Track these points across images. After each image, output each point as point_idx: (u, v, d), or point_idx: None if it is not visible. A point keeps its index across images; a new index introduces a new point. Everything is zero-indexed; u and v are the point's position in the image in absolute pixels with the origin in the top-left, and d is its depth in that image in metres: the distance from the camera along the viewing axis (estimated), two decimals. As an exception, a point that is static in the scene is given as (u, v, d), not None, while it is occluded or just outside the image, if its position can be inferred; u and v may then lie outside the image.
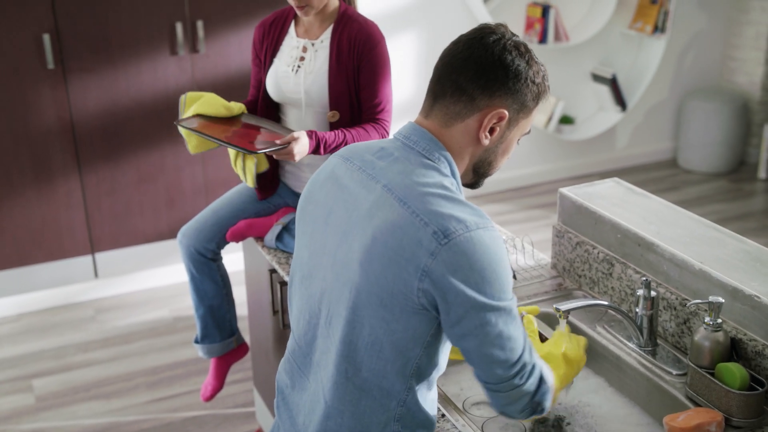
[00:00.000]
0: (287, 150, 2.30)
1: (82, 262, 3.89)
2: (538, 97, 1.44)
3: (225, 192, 3.26)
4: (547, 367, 1.48)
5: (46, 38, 3.53)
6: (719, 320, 1.71)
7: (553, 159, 5.28)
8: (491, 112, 1.39)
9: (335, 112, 2.46)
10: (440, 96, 1.41)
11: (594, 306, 1.83)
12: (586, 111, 5.30)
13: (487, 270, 1.31)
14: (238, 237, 2.61)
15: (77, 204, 3.79)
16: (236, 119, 2.51)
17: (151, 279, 4.06)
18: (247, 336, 3.38)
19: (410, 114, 4.56)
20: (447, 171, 1.41)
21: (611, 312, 2.04)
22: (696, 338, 1.73)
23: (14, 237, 3.73)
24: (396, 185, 1.37)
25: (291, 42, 2.52)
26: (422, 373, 1.42)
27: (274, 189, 2.66)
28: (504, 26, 1.43)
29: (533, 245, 2.40)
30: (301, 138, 2.31)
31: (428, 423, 1.48)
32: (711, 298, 1.70)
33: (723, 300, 1.71)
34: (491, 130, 1.42)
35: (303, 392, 1.53)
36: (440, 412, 1.71)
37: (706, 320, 1.71)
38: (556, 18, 4.85)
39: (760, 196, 5.08)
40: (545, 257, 2.35)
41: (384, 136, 2.46)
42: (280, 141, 2.30)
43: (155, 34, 3.71)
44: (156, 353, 3.55)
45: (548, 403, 1.46)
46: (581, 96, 5.25)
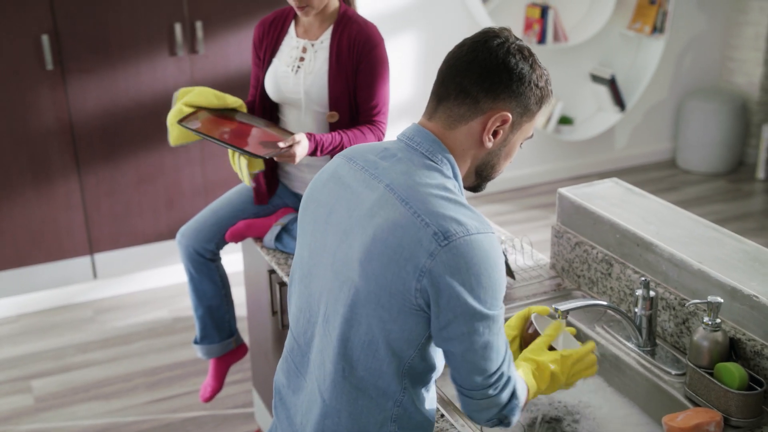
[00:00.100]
0: (289, 153, 2.31)
1: (81, 263, 3.89)
2: (541, 101, 1.44)
3: (224, 192, 3.26)
4: (522, 382, 1.49)
5: (45, 39, 3.53)
6: (718, 320, 1.71)
7: (552, 159, 5.28)
8: (495, 115, 1.39)
9: (334, 113, 2.46)
10: (444, 98, 1.42)
11: (593, 306, 1.83)
12: (585, 111, 5.30)
13: (484, 275, 1.31)
14: (237, 237, 2.61)
15: (76, 204, 3.79)
16: (231, 116, 2.50)
17: (151, 279, 4.06)
18: (246, 337, 3.37)
19: (409, 115, 4.55)
20: (449, 173, 1.41)
21: (610, 312, 2.04)
22: (695, 338, 1.73)
23: (13, 238, 3.73)
24: (398, 185, 1.37)
25: (291, 42, 2.52)
26: (415, 374, 1.42)
27: (273, 191, 2.66)
28: (508, 30, 1.44)
29: (532, 245, 2.41)
30: (302, 140, 2.33)
31: (426, 424, 1.48)
32: (710, 298, 1.70)
33: (722, 300, 1.71)
34: (494, 133, 1.42)
35: (300, 392, 1.53)
36: (439, 413, 1.71)
37: (705, 320, 1.71)
38: (555, 18, 4.85)
39: (759, 197, 5.09)
40: (544, 257, 2.35)
41: (380, 138, 2.47)
42: (284, 144, 2.32)
43: (154, 35, 3.71)
44: (155, 354, 3.55)
45: (515, 418, 1.47)
46: (580, 96, 5.25)
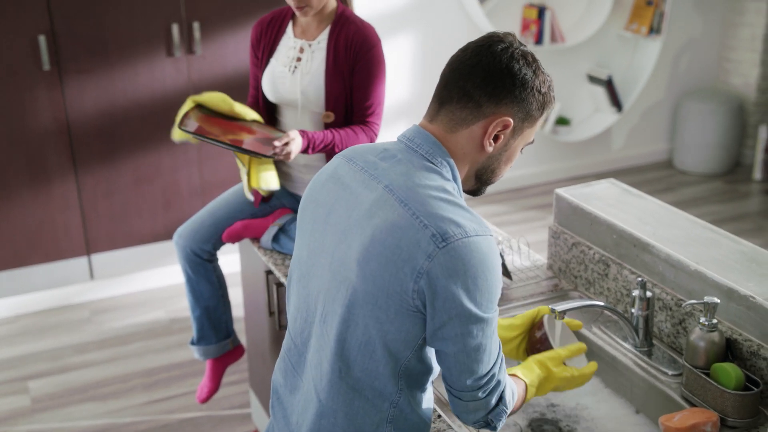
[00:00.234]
0: (286, 150, 2.33)
1: (79, 264, 3.89)
2: (543, 107, 1.44)
3: (221, 193, 3.25)
4: (511, 388, 1.49)
5: (42, 39, 3.53)
6: (714, 320, 1.71)
7: (549, 160, 5.28)
8: (496, 120, 1.39)
9: (330, 113, 2.46)
10: (446, 101, 1.42)
11: (590, 307, 1.83)
12: (582, 112, 5.31)
13: (480, 278, 1.31)
14: (235, 238, 2.61)
15: (73, 205, 3.79)
16: (225, 116, 2.49)
17: (148, 280, 4.06)
18: (243, 338, 3.37)
19: (406, 116, 4.55)
20: (449, 175, 1.41)
21: (607, 313, 2.04)
22: (691, 338, 1.73)
23: (10, 238, 3.73)
24: (398, 186, 1.37)
25: (288, 42, 2.52)
26: (412, 375, 1.42)
27: (271, 194, 2.66)
28: (512, 35, 1.44)
29: (529, 246, 2.41)
30: (296, 137, 2.36)
31: (422, 425, 1.47)
32: (706, 299, 1.71)
33: (718, 300, 1.71)
34: (495, 138, 1.42)
35: (297, 391, 1.53)
36: (436, 413, 1.71)
37: (702, 320, 1.72)
38: (552, 19, 4.86)
39: (756, 197, 5.09)
40: (541, 258, 2.35)
41: (372, 139, 2.48)
42: (279, 142, 2.33)
43: (151, 36, 3.71)
44: (152, 355, 3.55)
45: (501, 424, 1.47)
46: (577, 97, 5.26)
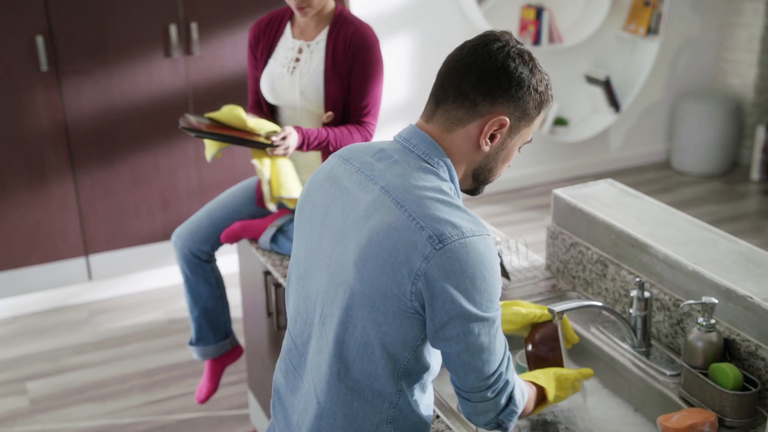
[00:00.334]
0: (285, 144, 2.36)
1: (76, 265, 3.88)
2: (541, 106, 1.43)
3: (219, 194, 3.25)
4: (521, 389, 1.48)
5: (40, 40, 3.52)
6: (712, 321, 1.71)
7: (547, 161, 5.28)
8: (492, 119, 1.39)
9: (330, 114, 2.47)
10: (442, 101, 1.41)
11: (588, 307, 1.83)
12: (580, 113, 5.31)
13: (479, 278, 1.31)
14: (233, 239, 2.61)
15: (71, 206, 3.78)
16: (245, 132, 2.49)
17: (146, 281, 4.05)
18: (242, 338, 3.37)
19: (404, 116, 4.55)
20: (445, 175, 1.41)
21: (605, 313, 2.04)
22: (689, 339, 1.73)
23: (8, 239, 3.72)
24: (394, 187, 1.37)
25: (286, 43, 2.53)
26: (411, 375, 1.42)
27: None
28: (509, 34, 1.44)
29: (527, 247, 2.41)
30: (292, 132, 2.39)
31: (422, 425, 1.47)
32: (704, 299, 1.71)
33: (716, 300, 1.71)
34: (492, 137, 1.41)
35: (297, 392, 1.53)
36: (434, 414, 1.71)
37: (700, 321, 1.72)
38: (550, 20, 4.86)
39: (753, 198, 5.10)
40: (539, 258, 2.36)
41: (367, 139, 2.49)
42: (277, 136, 2.35)
43: (149, 37, 3.71)
44: (150, 355, 3.54)
45: (512, 424, 1.46)
46: (575, 98, 5.26)
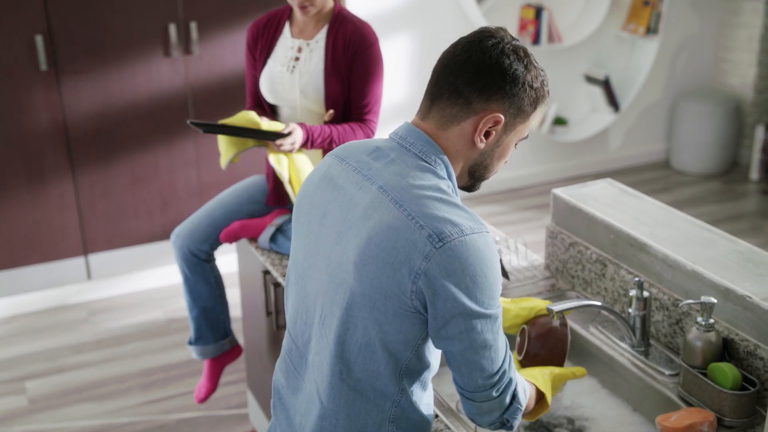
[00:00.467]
0: (291, 140, 2.36)
1: (76, 264, 3.88)
2: (536, 102, 1.42)
3: (219, 193, 3.25)
4: (523, 387, 1.48)
5: (39, 40, 3.52)
6: (711, 320, 1.71)
7: (547, 160, 5.28)
8: (487, 116, 1.38)
9: (331, 112, 2.47)
10: (437, 98, 1.41)
11: (587, 306, 1.83)
12: (580, 112, 5.31)
13: (479, 275, 1.31)
14: (232, 238, 2.61)
15: (70, 206, 3.78)
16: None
17: (145, 280, 4.05)
18: (241, 337, 3.37)
19: (403, 115, 4.55)
20: (443, 173, 1.40)
21: (604, 312, 2.04)
22: (688, 338, 1.73)
23: (7, 239, 3.72)
24: (392, 187, 1.36)
25: (286, 42, 2.53)
26: (413, 374, 1.42)
27: (282, 199, 2.65)
28: (504, 30, 1.43)
29: (527, 246, 2.41)
30: (297, 129, 2.39)
31: (424, 423, 1.47)
32: (703, 299, 1.71)
33: (715, 300, 1.71)
34: (487, 134, 1.41)
35: (299, 392, 1.53)
36: (434, 413, 1.71)
37: (699, 320, 1.72)
38: (550, 19, 4.86)
39: (753, 197, 5.10)
40: (539, 258, 2.36)
41: (369, 136, 2.49)
42: (284, 130, 2.36)
43: (149, 36, 3.71)
44: (149, 355, 3.54)
45: (517, 422, 1.46)
46: (574, 97, 5.26)
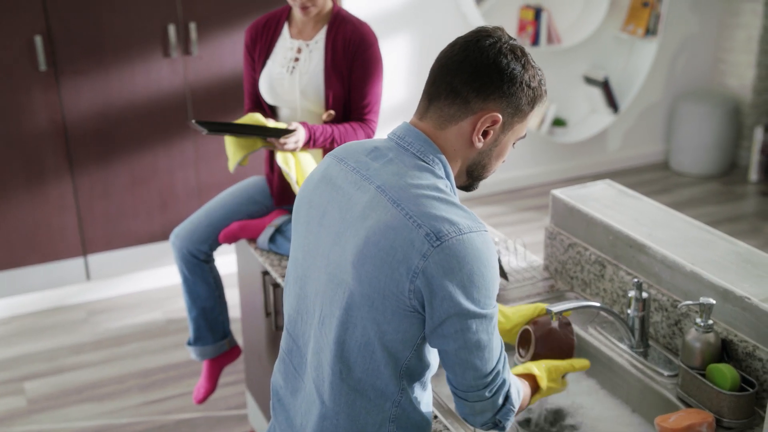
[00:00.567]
0: (294, 138, 2.37)
1: (75, 265, 3.88)
2: (534, 102, 1.42)
3: (218, 194, 3.25)
4: (516, 388, 1.48)
5: (38, 40, 3.52)
6: (710, 321, 1.71)
7: (546, 161, 5.29)
8: (485, 116, 1.38)
9: (331, 112, 2.47)
10: (435, 98, 1.41)
11: (586, 307, 1.83)
12: (579, 113, 5.32)
13: (476, 274, 1.31)
14: (231, 239, 2.61)
15: (69, 206, 3.78)
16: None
17: (144, 281, 4.05)
18: (240, 338, 3.37)
19: (402, 116, 4.56)
20: (441, 173, 1.40)
21: (603, 313, 2.04)
22: (687, 339, 1.73)
23: (7, 239, 3.72)
24: (390, 186, 1.37)
25: (285, 43, 2.53)
26: (413, 374, 1.42)
27: (287, 190, 2.65)
28: (501, 30, 1.43)
29: (526, 247, 2.41)
30: (300, 128, 2.40)
31: (424, 423, 1.48)
32: (702, 300, 1.71)
33: (714, 301, 1.71)
34: (485, 134, 1.41)
35: (299, 393, 1.53)
36: (433, 414, 1.71)
37: (697, 321, 1.72)
38: (549, 21, 4.86)
39: (751, 199, 5.10)
40: (537, 259, 2.36)
41: (369, 136, 2.49)
42: (288, 127, 2.38)
43: (148, 37, 3.71)
44: (148, 355, 3.54)
45: (509, 424, 1.46)
46: (573, 98, 5.27)
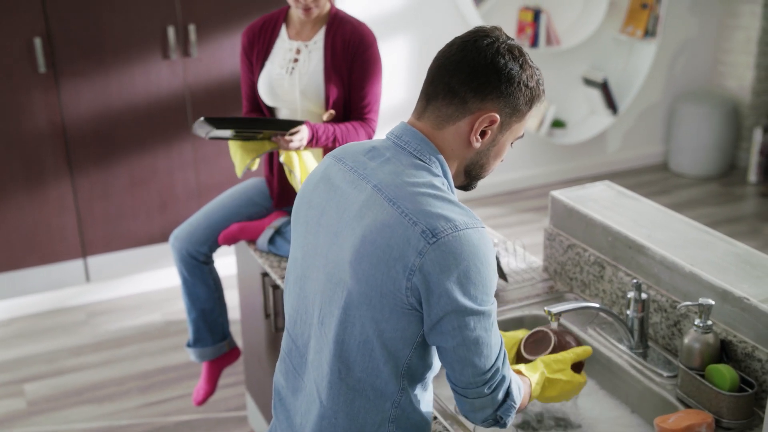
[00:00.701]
0: (299, 137, 2.38)
1: (74, 266, 3.88)
2: (532, 102, 1.42)
3: (217, 195, 3.25)
4: (517, 384, 1.48)
5: (38, 42, 3.53)
6: (709, 322, 1.71)
7: (545, 163, 5.29)
8: (482, 116, 1.38)
9: (332, 112, 2.48)
10: (433, 98, 1.41)
11: (585, 308, 1.83)
12: (578, 115, 5.32)
13: (473, 270, 1.31)
14: (230, 240, 2.61)
15: (69, 208, 3.78)
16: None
17: (144, 283, 4.05)
18: (240, 340, 3.37)
19: (402, 116, 4.56)
20: (438, 171, 1.40)
21: (602, 314, 2.04)
22: (686, 340, 1.74)
23: (6, 241, 3.72)
24: (386, 185, 1.37)
25: (283, 44, 2.53)
26: (414, 374, 1.42)
27: (287, 192, 2.66)
28: (499, 29, 1.43)
29: (525, 248, 2.41)
30: (303, 127, 2.41)
31: (424, 424, 1.47)
32: (701, 300, 1.71)
33: (713, 302, 1.72)
34: (483, 134, 1.41)
35: (299, 393, 1.53)
36: (432, 414, 1.70)
37: (697, 322, 1.72)
38: (548, 22, 4.87)
39: (751, 200, 5.11)
40: (537, 260, 2.36)
41: (370, 136, 2.51)
42: (291, 131, 2.38)
43: (147, 38, 3.71)
44: (148, 357, 3.54)
45: (510, 419, 1.46)
46: (573, 100, 5.27)
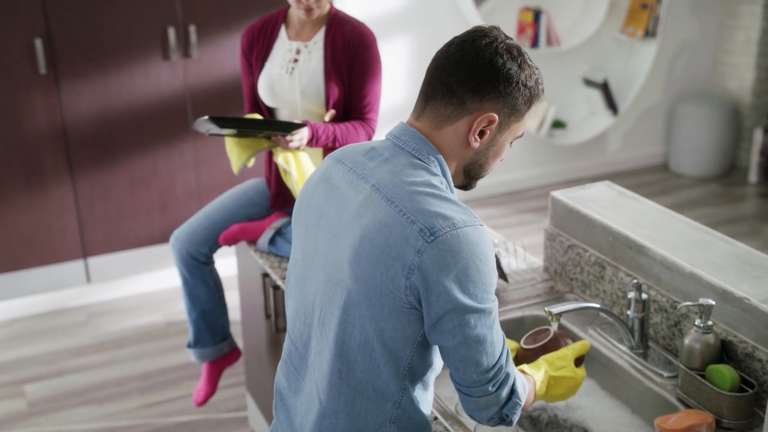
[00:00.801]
0: (299, 137, 2.38)
1: (75, 267, 3.88)
2: (531, 101, 1.42)
3: (218, 196, 3.26)
4: (522, 382, 1.47)
5: (38, 43, 3.53)
6: (710, 322, 1.72)
7: (545, 163, 5.29)
8: (481, 116, 1.38)
9: (333, 112, 2.48)
10: (431, 98, 1.41)
11: (586, 309, 1.83)
12: (578, 115, 5.32)
13: (472, 268, 1.30)
14: (231, 241, 2.61)
15: (69, 209, 3.78)
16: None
17: (144, 283, 4.05)
18: (240, 340, 3.37)
19: (401, 116, 4.56)
20: (437, 170, 1.40)
21: (603, 315, 2.05)
22: (687, 340, 1.74)
23: (6, 242, 3.72)
24: (384, 185, 1.37)
25: (283, 45, 2.53)
26: (415, 374, 1.41)
27: (285, 193, 2.66)
28: (497, 29, 1.43)
29: (525, 249, 2.41)
30: (304, 127, 2.41)
31: (424, 424, 1.47)
32: (701, 301, 1.71)
33: (713, 302, 1.72)
34: (481, 133, 1.41)
35: (299, 393, 1.53)
36: (432, 415, 1.71)
37: (697, 322, 1.72)
38: (548, 23, 4.87)
39: (751, 200, 5.11)
40: (537, 261, 2.36)
41: (370, 135, 2.52)
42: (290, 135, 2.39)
43: (148, 39, 3.71)
44: (148, 358, 3.54)
45: (516, 417, 1.45)
46: (573, 100, 5.27)
